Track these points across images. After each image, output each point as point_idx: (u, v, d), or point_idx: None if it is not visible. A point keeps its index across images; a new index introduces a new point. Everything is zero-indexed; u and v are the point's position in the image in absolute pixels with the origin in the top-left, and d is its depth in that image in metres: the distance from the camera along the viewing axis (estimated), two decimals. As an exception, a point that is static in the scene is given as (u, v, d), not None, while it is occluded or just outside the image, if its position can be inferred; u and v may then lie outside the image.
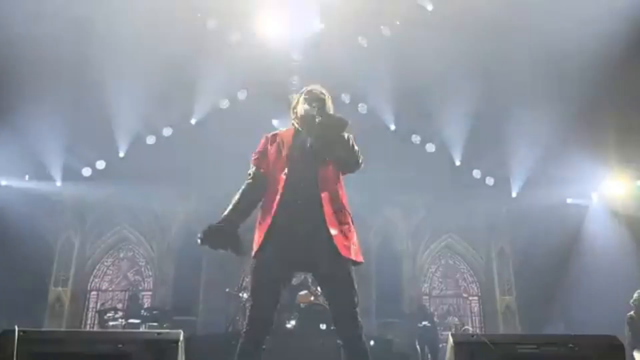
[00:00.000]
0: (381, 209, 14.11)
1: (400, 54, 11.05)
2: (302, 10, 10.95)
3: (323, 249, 2.97)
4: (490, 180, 13.01)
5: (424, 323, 11.68)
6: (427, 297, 14.06)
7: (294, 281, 9.40)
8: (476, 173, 12.96)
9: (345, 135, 3.15)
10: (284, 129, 3.47)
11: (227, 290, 11.90)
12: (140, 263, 14.11)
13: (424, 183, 13.29)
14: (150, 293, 13.26)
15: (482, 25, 10.50)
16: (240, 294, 11.17)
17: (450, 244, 14.52)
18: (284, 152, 3.20)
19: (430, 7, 10.61)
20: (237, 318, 10.60)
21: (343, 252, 2.97)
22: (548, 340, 3.11)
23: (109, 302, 13.28)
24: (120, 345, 2.85)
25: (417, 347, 11.70)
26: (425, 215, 14.22)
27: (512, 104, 11.47)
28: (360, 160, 3.19)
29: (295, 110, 3.38)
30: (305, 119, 3.25)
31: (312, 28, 10.96)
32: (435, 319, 12.57)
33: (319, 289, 8.62)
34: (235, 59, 11.34)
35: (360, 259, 3.09)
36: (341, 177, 3.27)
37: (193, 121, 12.42)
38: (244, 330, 2.98)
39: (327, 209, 3.04)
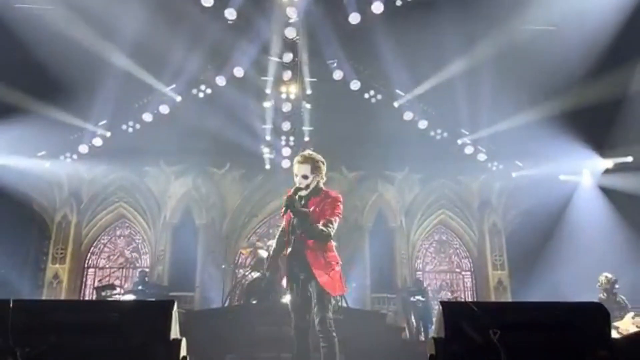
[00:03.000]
0: (375, 186, 14.14)
1: (395, 31, 10.97)
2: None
3: (316, 289, 4.26)
4: (482, 156, 13.01)
5: (417, 298, 11.76)
6: (420, 273, 14.16)
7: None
8: (468, 149, 12.95)
9: (308, 224, 4.27)
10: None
11: (223, 266, 12.01)
12: (137, 240, 14.14)
13: (418, 159, 13.32)
14: (147, 270, 13.27)
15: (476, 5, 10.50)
16: (237, 270, 11.29)
17: (444, 220, 14.58)
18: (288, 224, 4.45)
19: None
20: (234, 294, 10.70)
21: (332, 293, 4.29)
22: (536, 307, 3.15)
23: (107, 279, 13.33)
24: (114, 314, 2.86)
25: (413, 321, 11.82)
26: (419, 192, 14.25)
27: (507, 81, 11.45)
28: (325, 237, 4.26)
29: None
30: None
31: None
32: (430, 294, 12.68)
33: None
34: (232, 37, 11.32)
35: (343, 291, 4.51)
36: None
37: (178, 99, 12.32)
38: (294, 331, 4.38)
39: (315, 265, 4.25)
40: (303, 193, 4.36)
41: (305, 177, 4.34)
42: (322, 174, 4.43)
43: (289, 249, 4.39)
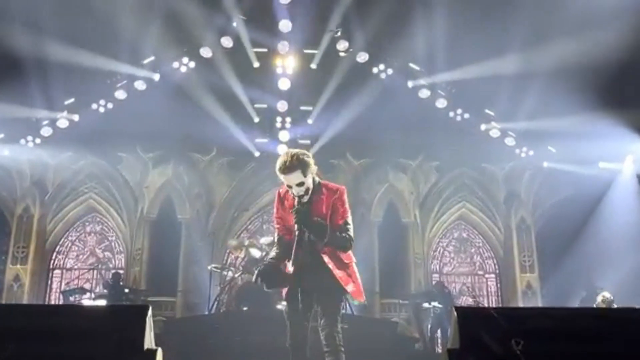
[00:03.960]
0: (385, 175, 14.13)
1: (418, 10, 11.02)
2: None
3: (327, 302, 4.41)
4: (510, 141, 12.98)
5: (433, 304, 11.75)
6: (437, 275, 14.16)
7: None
8: (494, 132, 12.93)
9: (326, 234, 4.40)
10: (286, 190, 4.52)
11: (209, 268, 12.06)
12: (110, 237, 14.17)
13: (436, 145, 13.30)
14: (122, 272, 13.32)
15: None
16: (224, 272, 11.32)
17: (464, 215, 14.58)
18: (294, 232, 4.39)
19: None
20: (222, 299, 10.76)
21: (361, 299, 4.66)
22: (567, 314, 3.16)
23: (75, 282, 13.39)
24: (81, 320, 2.89)
25: (428, 330, 11.86)
26: (435, 182, 14.25)
27: (541, 64, 11.45)
28: (350, 243, 4.57)
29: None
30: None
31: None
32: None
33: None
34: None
35: (361, 298, 4.66)
36: None
37: (157, 77, 12.32)
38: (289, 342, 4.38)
39: (337, 272, 4.46)
40: (306, 199, 4.39)
41: (301, 184, 4.33)
42: (312, 167, 4.41)
43: (296, 264, 4.41)
